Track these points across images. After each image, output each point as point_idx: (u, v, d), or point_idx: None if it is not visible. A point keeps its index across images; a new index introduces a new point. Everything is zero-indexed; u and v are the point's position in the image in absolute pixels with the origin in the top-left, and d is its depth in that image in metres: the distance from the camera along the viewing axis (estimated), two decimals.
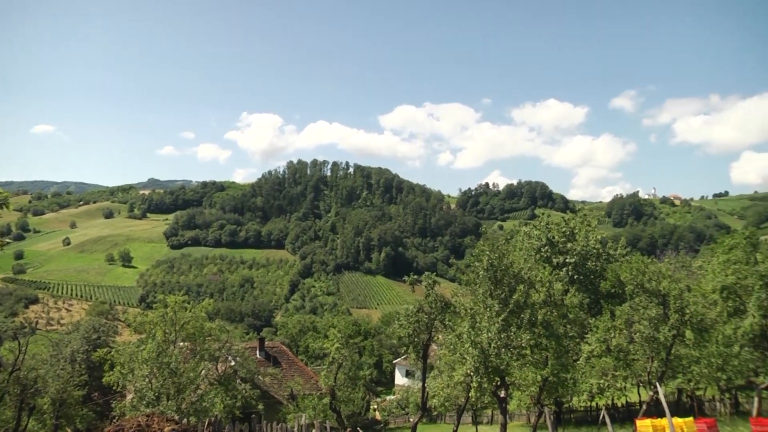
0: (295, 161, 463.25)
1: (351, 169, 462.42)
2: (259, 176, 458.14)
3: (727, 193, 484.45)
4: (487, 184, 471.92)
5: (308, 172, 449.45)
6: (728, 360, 35.88)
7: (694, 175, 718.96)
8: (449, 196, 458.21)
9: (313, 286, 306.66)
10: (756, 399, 36.16)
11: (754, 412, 35.53)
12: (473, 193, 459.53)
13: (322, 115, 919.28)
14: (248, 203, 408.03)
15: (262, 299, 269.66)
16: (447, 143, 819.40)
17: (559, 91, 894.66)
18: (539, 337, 31.33)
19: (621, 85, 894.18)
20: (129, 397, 33.52)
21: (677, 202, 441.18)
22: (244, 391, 35.89)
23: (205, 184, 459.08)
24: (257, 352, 51.88)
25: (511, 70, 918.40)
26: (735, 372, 36.89)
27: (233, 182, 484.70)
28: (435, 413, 63.82)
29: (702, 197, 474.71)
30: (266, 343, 58.11)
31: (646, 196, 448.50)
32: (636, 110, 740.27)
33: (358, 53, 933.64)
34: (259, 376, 43.68)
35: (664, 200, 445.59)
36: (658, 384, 26.44)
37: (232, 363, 38.91)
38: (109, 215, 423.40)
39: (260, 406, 38.14)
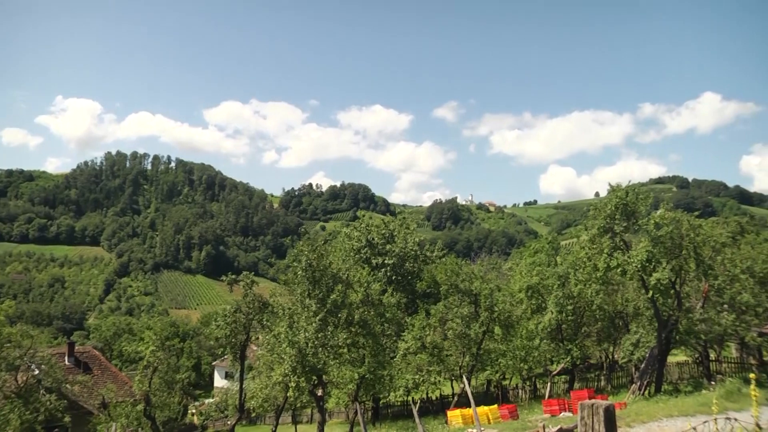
0: (113, 152, 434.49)
1: (173, 164, 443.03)
2: (74, 167, 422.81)
3: (536, 201, 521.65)
4: (310, 185, 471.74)
5: (128, 165, 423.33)
6: (530, 352, 38.91)
7: (508, 184, 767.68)
8: (272, 196, 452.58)
9: (130, 286, 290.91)
10: (549, 384, 39.88)
11: (546, 395, 39.28)
12: (297, 193, 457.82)
13: (145, 105, 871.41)
14: (61, 196, 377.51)
15: (73, 300, 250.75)
16: (272, 142, 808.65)
17: (384, 98, 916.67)
18: (356, 336, 31.88)
19: (444, 97, 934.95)
20: None
21: (492, 209, 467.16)
22: (48, 403, 32.96)
23: (10, 173, 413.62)
24: (66, 358, 48.07)
25: (338, 73, 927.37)
26: (535, 362, 40.18)
27: (44, 172, 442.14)
28: (254, 414, 62.93)
29: (514, 204, 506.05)
30: (76, 348, 53.96)
31: (464, 202, 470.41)
32: (457, 121, 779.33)
33: (185, 42, 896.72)
34: (67, 385, 40.49)
35: (480, 206, 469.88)
36: (465, 377, 27.80)
37: (36, 372, 35.75)
38: None
39: (66, 419, 35.28)
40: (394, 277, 49.10)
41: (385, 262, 49.10)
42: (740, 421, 6.05)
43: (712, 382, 29.80)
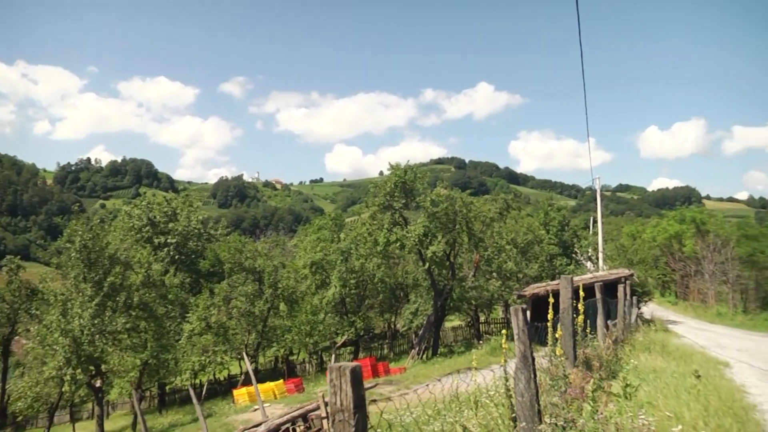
0: None
1: None
2: None
3: (322, 179, 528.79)
4: (89, 159, 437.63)
5: None
6: (315, 326, 40.04)
7: (295, 162, 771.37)
8: (45, 171, 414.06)
9: None
10: (333, 356, 41.29)
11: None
12: (73, 168, 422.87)
13: None
14: None
15: None
16: (45, 111, 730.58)
17: (170, 70, 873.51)
18: (137, 320, 30.64)
19: (231, 71, 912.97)
20: None
21: (279, 186, 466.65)
22: None
23: None
24: None
25: (121, 39, 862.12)
26: (321, 336, 41.37)
27: None
28: (20, 418, 57.39)
29: (301, 182, 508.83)
30: None
31: (251, 179, 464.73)
32: (244, 97, 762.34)
33: None
34: None
35: (267, 184, 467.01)
36: (245, 355, 27.97)
37: None
38: None
39: None
40: (177, 257, 47.71)
41: (168, 241, 47.47)
42: (494, 371, 6.85)
43: (481, 342, 32.54)
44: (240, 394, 31.03)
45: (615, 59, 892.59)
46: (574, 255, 58.06)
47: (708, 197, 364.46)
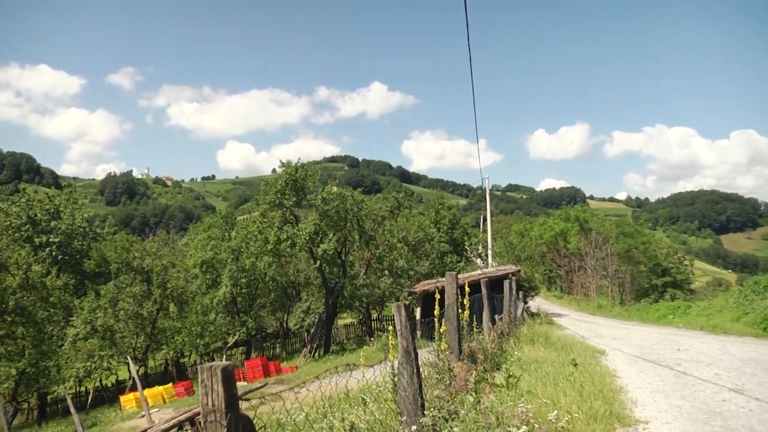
0: None
1: None
2: None
3: (214, 176, 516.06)
4: None
5: None
6: (206, 327, 39.39)
7: (186, 158, 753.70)
8: None
9: None
10: (224, 356, 40.97)
11: None
12: None
13: None
14: None
15: None
16: None
17: (52, 57, 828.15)
18: (13, 326, 29.20)
19: (119, 62, 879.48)
20: None
21: (169, 183, 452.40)
22: None
23: None
24: None
25: None
26: (212, 336, 40.79)
27: None
28: None
29: (192, 179, 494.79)
30: None
31: (140, 176, 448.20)
32: (134, 89, 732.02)
33: None
34: None
35: (157, 180, 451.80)
36: (129, 359, 27.31)
37: None
38: None
39: None
40: (60, 257, 45.75)
41: (50, 240, 45.41)
42: (374, 368, 7.19)
43: (372, 338, 33.05)
44: (127, 400, 30.15)
45: (504, 65, 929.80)
46: (464, 252, 59.72)
47: (592, 197, 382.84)
